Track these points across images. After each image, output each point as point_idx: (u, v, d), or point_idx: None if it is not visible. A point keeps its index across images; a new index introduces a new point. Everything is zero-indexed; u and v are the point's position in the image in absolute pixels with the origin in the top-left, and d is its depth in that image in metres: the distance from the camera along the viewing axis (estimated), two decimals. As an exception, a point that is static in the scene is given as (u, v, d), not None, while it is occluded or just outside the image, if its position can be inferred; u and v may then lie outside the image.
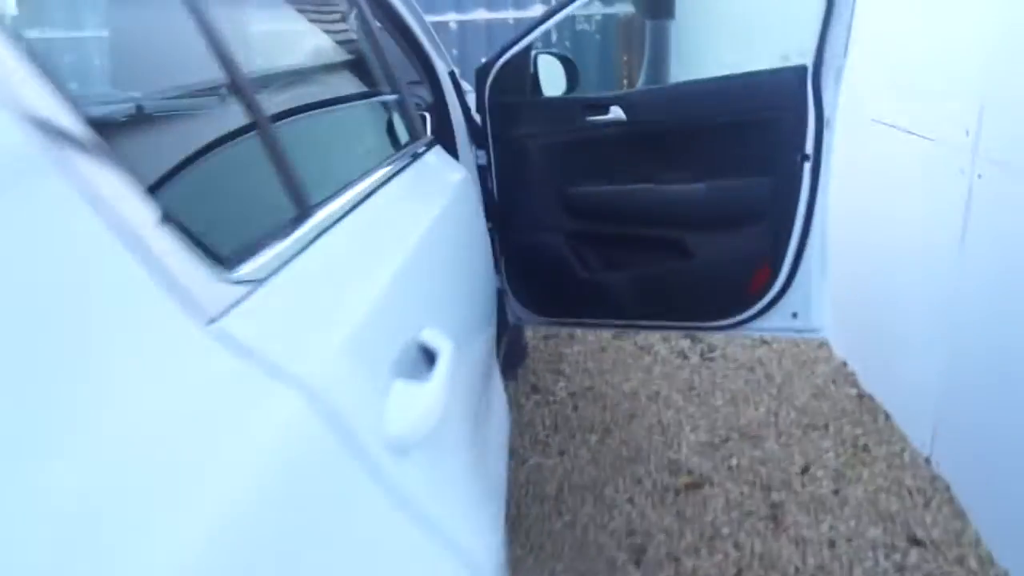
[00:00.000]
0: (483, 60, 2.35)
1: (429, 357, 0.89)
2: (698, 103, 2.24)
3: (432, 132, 2.39)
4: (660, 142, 2.27)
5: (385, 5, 1.99)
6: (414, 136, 1.58)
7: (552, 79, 2.50)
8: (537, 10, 6.60)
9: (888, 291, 2.78)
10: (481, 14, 6.74)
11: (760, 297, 2.28)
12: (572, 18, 6.96)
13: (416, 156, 1.47)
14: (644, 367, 3.19)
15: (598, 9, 7.01)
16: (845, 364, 3.11)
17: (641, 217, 2.34)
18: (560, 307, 2.52)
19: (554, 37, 7.00)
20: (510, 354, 3.01)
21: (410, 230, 1.14)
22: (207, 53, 0.93)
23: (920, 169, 2.47)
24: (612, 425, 2.81)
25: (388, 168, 1.23)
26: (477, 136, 2.43)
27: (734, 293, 2.30)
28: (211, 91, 1.13)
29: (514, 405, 2.98)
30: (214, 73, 0.94)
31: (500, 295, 2.58)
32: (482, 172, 2.45)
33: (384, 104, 1.53)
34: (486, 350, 1.68)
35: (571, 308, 2.51)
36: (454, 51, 6.51)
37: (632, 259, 2.39)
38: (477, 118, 2.42)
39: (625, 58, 7.09)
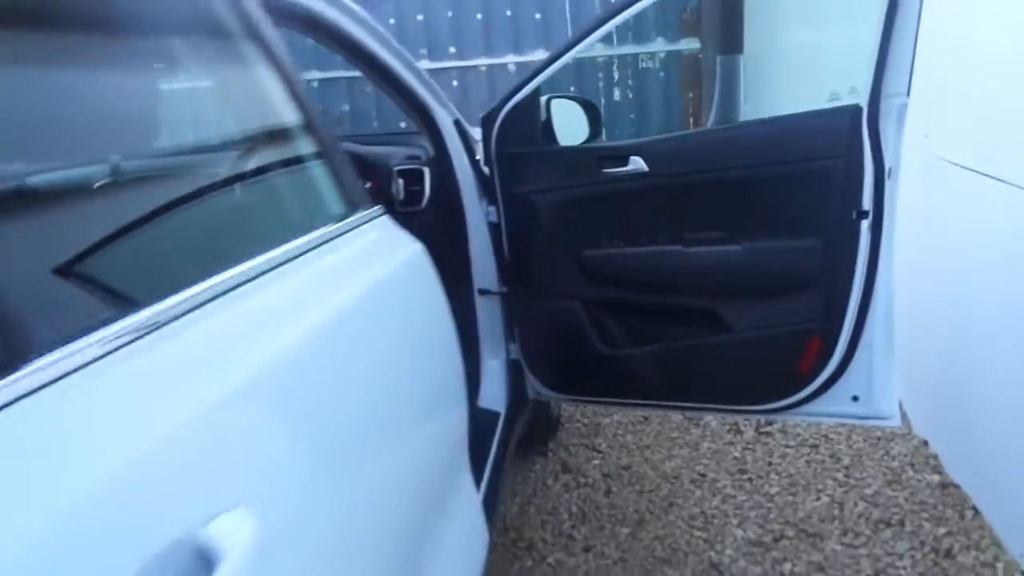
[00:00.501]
0: (489, 108, 2.10)
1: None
2: (732, 151, 1.91)
3: (432, 188, 2.14)
4: (689, 197, 1.95)
5: (364, 54, 1.75)
6: (350, 208, 1.31)
7: (570, 126, 2.21)
8: (539, 55, 6.41)
9: (974, 360, 2.36)
10: (481, 60, 6.55)
11: (813, 377, 1.92)
12: (635, 56, 6.72)
13: (339, 234, 1.20)
14: (690, 442, 2.83)
15: (661, 47, 6.73)
16: (926, 444, 2.68)
17: (668, 284, 2.01)
18: (579, 384, 2.21)
19: (615, 76, 6.75)
20: (536, 430, 2.70)
21: (272, 343, 0.86)
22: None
23: (1009, 221, 2.08)
24: (647, 514, 2.46)
25: (272, 256, 0.97)
26: (488, 190, 2.17)
27: (781, 372, 1.94)
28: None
29: (540, 487, 2.66)
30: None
31: (516, 367, 2.30)
32: (494, 230, 2.19)
33: (304, 172, 1.27)
34: (438, 469, 1.39)
35: (591, 385, 2.20)
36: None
37: (660, 332, 2.07)
38: (487, 171, 2.16)
39: (691, 95, 6.77)
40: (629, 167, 1.96)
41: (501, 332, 2.31)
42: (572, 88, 6.46)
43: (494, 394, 2.31)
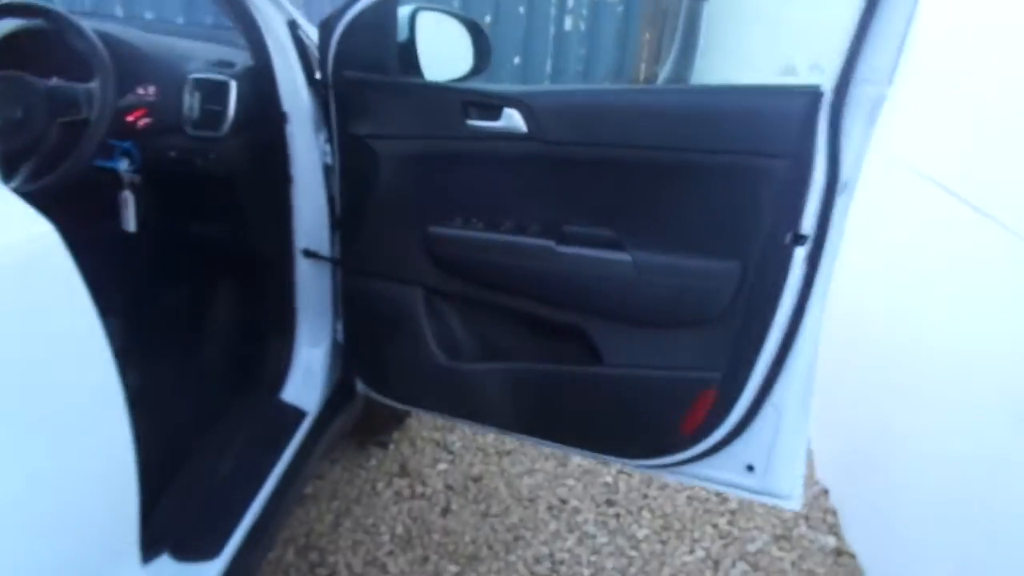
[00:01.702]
0: (331, 12, 1.52)
1: None
2: (644, 124, 1.39)
3: (242, 111, 1.57)
4: (573, 178, 1.43)
5: None
6: None
7: (442, 54, 1.65)
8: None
9: (901, 420, 1.94)
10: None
11: (701, 436, 1.46)
12: (593, -15, 6.05)
13: None
14: (559, 455, 2.37)
15: (622, -24, 6.07)
16: (826, 494, 2.29)
17: (532, 287, 1.50)
18: (410, 390, 1.71)
19: (570, 3, 6.08)
20: (377, 418, 2.20)
21: None
22: None
23: (992, 271, 1.63)
24: (485, 549, 2.00)
25: None
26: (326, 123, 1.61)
27: (658, 425, 1.48)
28: None
29: (367, 492, 2.18)
30: None
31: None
32: (328, 176, 1.64)
33: None
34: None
35: (426, 396, 1.70)
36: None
37: (515, 345, 1.57)
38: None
39: (647, 36, 6.15)
40: (500, 123, 1.42)
41: (328, 309, 1.78)
42: (521, 9, 5.80)
43: (305, 388, 1.79)
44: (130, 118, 1.51)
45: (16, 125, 1.36)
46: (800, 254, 1.29)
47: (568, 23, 6.07)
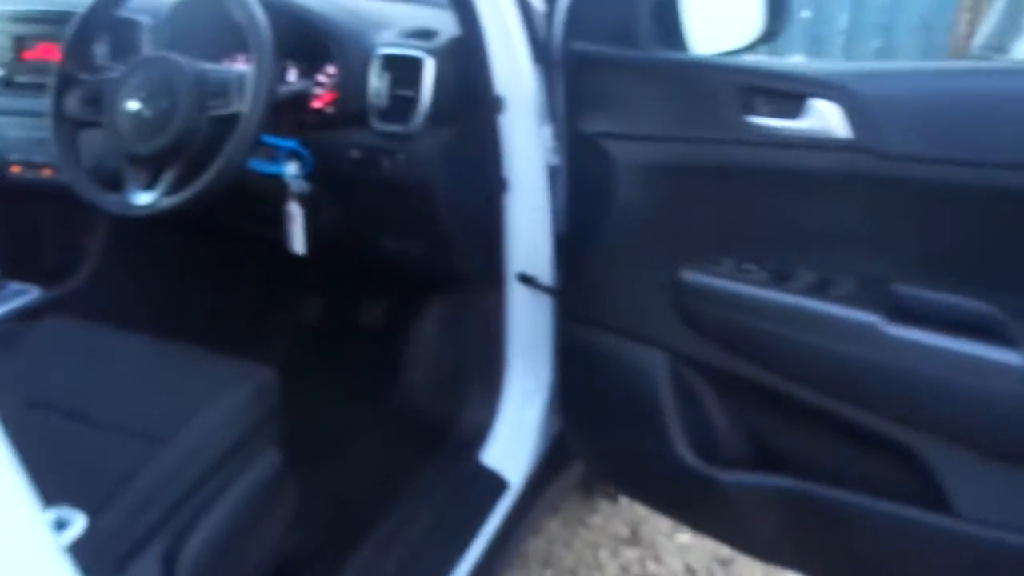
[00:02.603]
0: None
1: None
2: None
3: (441, 97, 1.19)
4: (930, 215, 0.88)
5: None
6: None
7: (716, 14, 1.13)
8: None
9: None
10: None
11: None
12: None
13: None
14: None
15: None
16: None
17: (838, 380, 0.97)
18: (643, 488, 1.26)
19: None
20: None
21: None
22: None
23: None
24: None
25: None
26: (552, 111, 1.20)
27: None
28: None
29: (587, 560, 1.77)
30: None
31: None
32: (555, 179, 1.23)
33: None
34: None
35: (663, 499, 1.24)
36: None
37: (802, 455, 1.05)
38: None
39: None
40: (803, 122, 0.90)
41: (547, 350, 1.37)
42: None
43: (511, 449, 1.40)
44: (298, 109, 1.18)
45: (162, 118, 1.07)
46: None
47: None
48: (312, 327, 1.66)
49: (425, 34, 1.22)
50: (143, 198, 1.08)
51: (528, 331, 1.38)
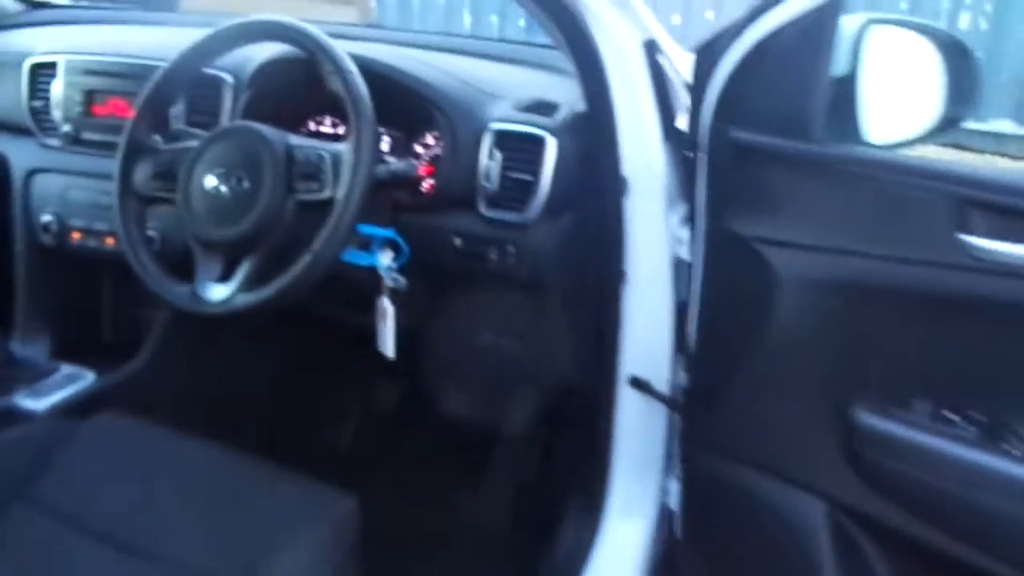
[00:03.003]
0: (711, 34, 0.92)
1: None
2: None
3: (562, 179, 1.02)
4: None
5: None
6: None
7: (897, 106, 0.95)
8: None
9: None
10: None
11: None
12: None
13: None
14: None
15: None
16: None
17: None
18: None
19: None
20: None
21: None
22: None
23: None
24: None
25: None
26: (686, 196, 1.03)
27: None
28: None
29: None
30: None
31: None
32: (682, 274, 1.05)
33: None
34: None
35: None
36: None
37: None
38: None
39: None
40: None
41: (658, 466, 1.19)
42: (904, 5, 4.74)
43: (610, 580, 1.21)
44: (397, 191, 1.02)
45: (243, 199, 0.92)
46: None
47: (965, 19, 4.89)
48: (386, 413, 1.49)
49: (545, 107, 1.06)
50: (216, 292, 0.93)
51: (637, 442, 1.19)
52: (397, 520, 1.22)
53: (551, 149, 1.00)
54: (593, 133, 1.03)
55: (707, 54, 0.93)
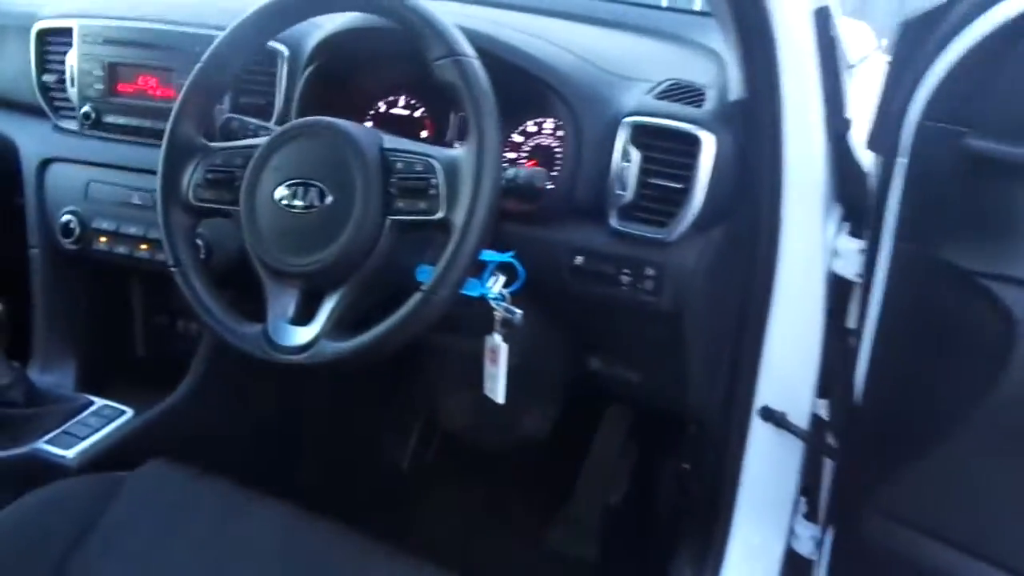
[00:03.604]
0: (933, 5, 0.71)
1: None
2: None
3: (719, 186, 0.81)
4: None
5: None
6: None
7: None
8: None
9: None
10: None
11: None
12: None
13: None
14: None
15: None
16: None
17: None
18: None
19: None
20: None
21: None
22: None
23: None
24: None
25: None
26: (853, 205, 0.84)
27: None
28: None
29: None
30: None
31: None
32: (838, 293, 0.86)
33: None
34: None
35: None
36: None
37: None
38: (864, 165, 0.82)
39: None
40: None
41: (785, 508, 1.01)
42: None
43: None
44: (511, 201, 0.82)
45: (327, 219, 0.72)
46: None
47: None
48: (458, 436, 1.31)
49: (689, 93, 0.84)
50: (295, 335, 0.73)
51: (765, 481, 1.02)
52: (485, 555, 1.05)
53: (708, 149, 0.79)
54: (752, 126, 0.82)
55: (923, 30, 0.72)
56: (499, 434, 1.21)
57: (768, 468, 1.01)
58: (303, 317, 0.74)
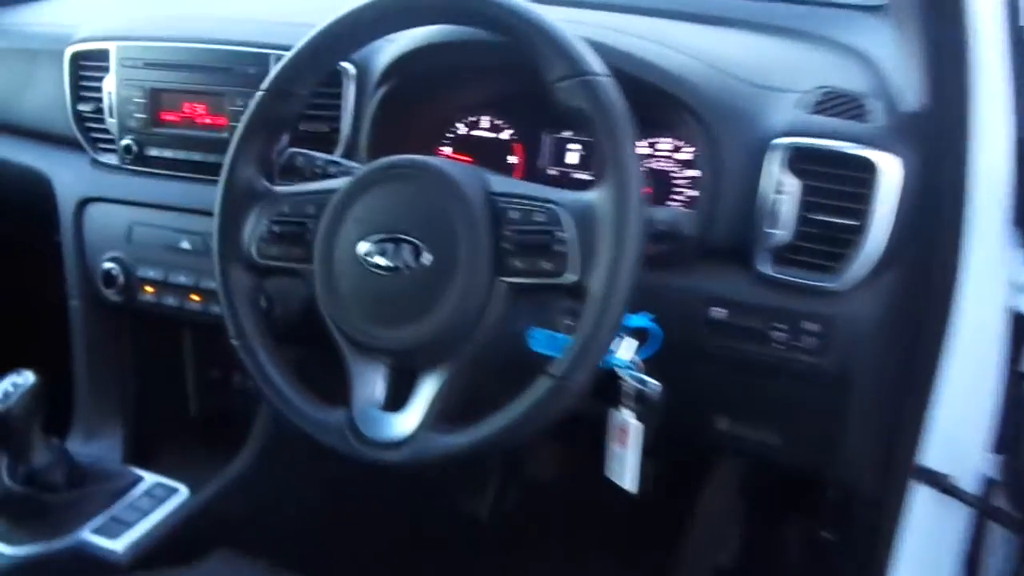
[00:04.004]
0: None
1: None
2: None
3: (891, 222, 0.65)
4: None
5: None
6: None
7: None
8: None
9: None
10: None
11: None
12: None
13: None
14: None
15: None
16: None
17: None
18: None
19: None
20: None
21: None
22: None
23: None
24: None
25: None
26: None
27: None
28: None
29: None
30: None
31: None
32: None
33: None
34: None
35: None
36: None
37: None
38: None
39: None
40: None
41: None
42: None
43: None
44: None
45: (424, 283, 0.58)
46: None
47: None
48: (545, 480, 1.17)
49: (849, 104, 0.69)
50: (390, 426, 0.59)
51: (924, 552, 0.86)
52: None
53: (890, 175, 0.64)
54: (938, 142, 0.66)
55: None
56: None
57: (928, 537, 0.85)
58: (396, 400, 0.60)
